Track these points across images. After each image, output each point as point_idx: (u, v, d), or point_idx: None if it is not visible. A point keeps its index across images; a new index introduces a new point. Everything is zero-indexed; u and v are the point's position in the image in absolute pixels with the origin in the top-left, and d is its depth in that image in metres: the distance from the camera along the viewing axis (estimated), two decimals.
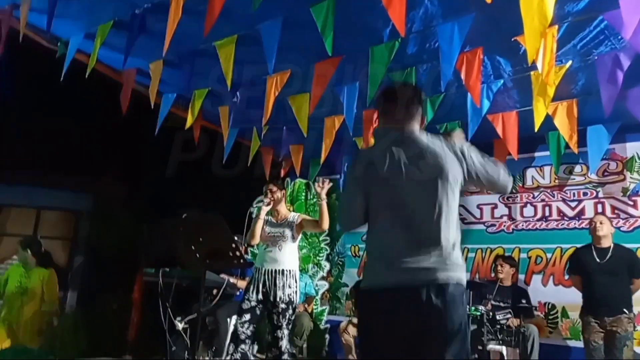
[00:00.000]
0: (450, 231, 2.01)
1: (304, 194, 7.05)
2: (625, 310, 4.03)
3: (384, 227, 1.98)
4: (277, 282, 3.59)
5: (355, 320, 5.33)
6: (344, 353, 5.39)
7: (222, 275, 4.70)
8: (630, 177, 5.01)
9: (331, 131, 4.99)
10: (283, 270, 3.63)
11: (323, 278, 6.76)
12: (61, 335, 6.50)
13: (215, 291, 4.51)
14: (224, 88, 4.15)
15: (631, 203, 4.96)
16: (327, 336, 6.39)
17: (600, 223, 4.28)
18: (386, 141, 2.07)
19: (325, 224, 3.74)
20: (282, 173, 6.81)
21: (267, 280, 3.62)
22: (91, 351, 5.77)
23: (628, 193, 4.99)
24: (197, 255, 2.89)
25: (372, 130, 4.83)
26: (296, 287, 3.67)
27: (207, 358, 4.61)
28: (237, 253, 2.84)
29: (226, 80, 4.03)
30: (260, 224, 3.70)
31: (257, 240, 3.71)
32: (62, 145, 6.95)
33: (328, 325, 6.45)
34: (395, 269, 1.90)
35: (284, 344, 3.51)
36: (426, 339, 1.84)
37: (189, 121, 4.89)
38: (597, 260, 4.22)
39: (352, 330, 5.31)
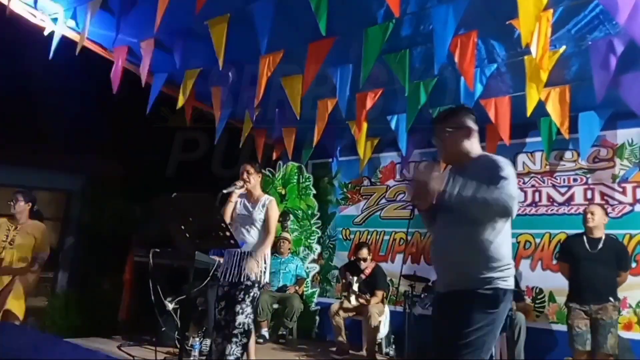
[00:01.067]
0: None
1: (296, 177, 7.04)
2: (611, 298, 4.08)
3: None
4: (244, 263, 3.52)
5: (346, 303, 5.36)
6: (334, 335, 5.43)
7: (212, 256, 4.70)
8: (620, 164, 5.04)
9: (324, 114, 4.96)
10: (251, 252, 3.56)
11: (314, 261, 6.80)
12: (52, 315, 6.52)
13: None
14: (216, 68, 4.11)
15: (620, 190, 4.99)
16: (317, 318, 6.45)
17: (592, 214, 4.29)
18: None
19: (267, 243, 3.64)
20: (274, 156, 6.80)
21: (235, 262, 3.56)
22: (82, 331, 5.78)
23: (617, 180, 5.03)
24: (187, 235, 2.88)
25: (365, 113, 4.84)
26: (264, 267, 3.59)
27: (196, 338, 4.63)
28: (227, 233, 2.83)
29: (218, 60, 3.99)
30: (230, 207, 3.60)
31: (227, 221, 3.56)
32: (53, 125, 6.87)
33: (318, 307, 6.50)
34: None
35: (241, 319, 3.41)
36: None
37: (180, 101, 4.86)
38: (588, 249, 4.23)
39: (343, 314, 5.35)
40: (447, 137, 2.33)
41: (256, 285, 3.53)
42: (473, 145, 2.35)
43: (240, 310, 3.44)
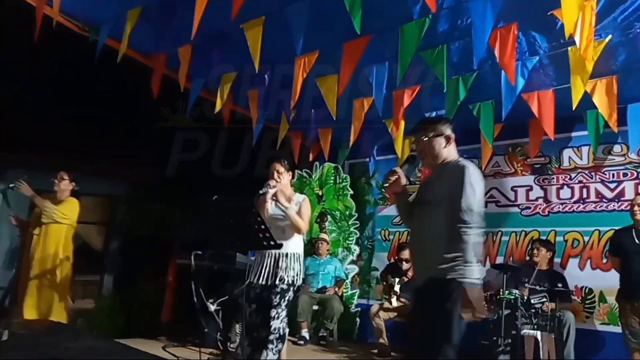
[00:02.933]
0: None
1: (333, 177, 7.03)
2: None
3: None
4: (280, 264, 3.44)
5: (386, 304, 5.31)
6: (375, 336, 5.38)
7: (252, 258, 4.73)
8: None
9: (360, 113, 4.91)
10: (287, 254, 3.46)
11: (353, 262, 6.75)
12: (99, 317, 6.73)
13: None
14: (252, 71, 4.14)
15: None
16: (357, 319, 6.40)
17: (639, 206, 4.11)
18: None
19: (298, 229, 3.51)
20: (311, 157, 6.80)
21: (269, 264, 3.48)
22: (127, 333, 5.93)
23: None
24: (228, 237, 2.91)
25: (402, 111, 4.77)
26: (300, 270, 3.51)
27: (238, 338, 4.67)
28: (267, 234, 2.84)
29: (254, 62, 4.01)
30: (266, 206, 3.50)
31: None
32: (96, 132, 7.11)
33: (359, 309, 6.45)
34: None
35: (276, 324, 3.35)
36: None
37: (218, 105, 4.91)
38: (637, 242, 4.06)
39: (384, 315, 5.29)
40: (428, 143, 2.62)
41: (291, 288, 3.47)
42: (450, 152, 2.64)
43: (276, 315, 3.39)
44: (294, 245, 3.55)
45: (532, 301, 4.26)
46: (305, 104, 5.01)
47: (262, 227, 2.85)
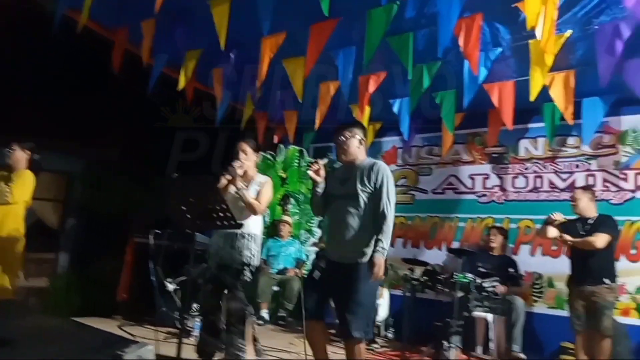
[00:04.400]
0: None
1: (297, 160, 7.03)
2: (606, 280, 4.09)
3: None
4: (236, 245, 3.39)
5: None
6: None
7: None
8: (623, 151, 5.02)
9: (326, 97, 4.92)
10: (243, 235, 3.39)
11: (314, 244, 6.81)
12: (53, 295, 6.56)
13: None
14: (217, 49, 4.06)
15: (623, 176, 4.98)
16: None
17: (575, 199, 4.34)
18: None
19: (253, 211, 3.44)
20: (276, 139, 6.78)
21: (224, 243, 3.41)
22: (83, 311, 5.81)
23: (620, 166, 5.01)
24: (188, 216, 2.88)
25: (367, 96, 4.80)
26: (256, 251, 3.45)
27: (197, 318, 4.66)
28: (228, 214, 2.82)
29: (220, 40, 3.94)
30: (233, 190, 3.41)
31: None
32: (53, 107, 6.84)
33: None
34: None
35: (235, 306, 3.32)
36: None
37: (182, 82, 4.81)
38: (580, 232, 4.26)
39: None
40: (345, 141, 3.06)
41: (247, 268, 3.41)
42: (362, 152, 3.12)
43: (232, 296, 3.36)
44: (251, 225, 3.49)
45: (485, 285, 4.42)
46: (271, 86, 4.98)
47: (223, 206, 2.83)
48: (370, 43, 3.83)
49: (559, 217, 4.26)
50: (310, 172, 3.06)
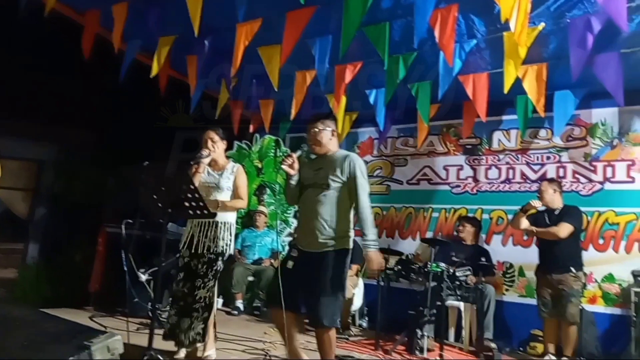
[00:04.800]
0: None
1: (273, 150, 6.99)
2: (572, 269, 4.20)
3: None
4: (209, 234, 3.38)
5: None
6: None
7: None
8: (593, 143, 5.13)
9: (302, 86, 4.88)
10: (217, 223, 3.39)
11: (290, 234, 6.80)
12: (22, 286, 6.42)
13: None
14: (191, 35, 3.99)
15: (592, 168, 5.10)
16: None
17: (542, 190, 4.45)
18: None
19: (236, 206, 3.54)
20: (251, 128, 6.72)
21: (198, 232, 3.40)
22: (53, 302, 5.70)
23: (589, 158, 5.13)
24: (159, 205, 2.83)
25: (344, 86, 4.79)
26: (230, 240, 3.46)
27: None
28: (200, 203, 2.79)
29: (194, 27, 3.87)
30: (198, 178, 3.40)
31: None
32: (23, 92, 6.64)
33: None
34: None
35: (201, 293, 3.33)
36: None
37: (155, 69, 4.72)
38: (547, 222, 4.37)
39: None
40: (318, 133, 3.10)
41: (220, 258, 3.42)
42: (334, 144, 3.18)
43: (201, 285, 3.35)
44: (225, 215, 3.48)
45: (457, 274, 4.49)
46: (247, 74, 4.92)
47: (195, 195, 2.80)
48: (346, 32, 3.81)
49: (537, 204, 4.35)
50: (283, 166, 3.10)
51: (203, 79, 5.11)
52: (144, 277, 4.56)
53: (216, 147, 3.51)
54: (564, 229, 4.23)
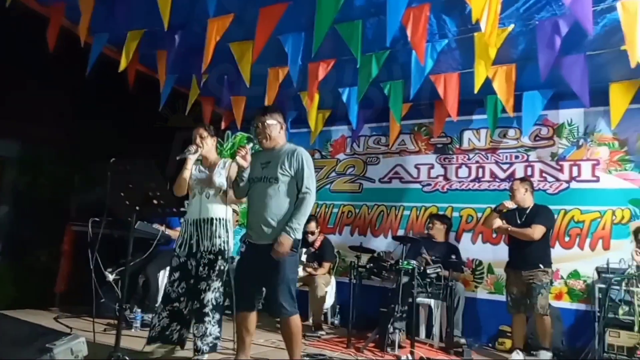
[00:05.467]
0: None
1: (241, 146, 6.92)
2: (540, 265, 4.29)
3: None
4: (205, 231, 3.36)
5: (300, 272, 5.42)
6: None
7: (156, 226, 4.57)
8: (560, 143, 5.26)
9: (274, 83, 4.85)
10: (212, 219, 3.39)
11: None
12: None
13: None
14: (161, 30, 3.91)
15: (558, 167, 5.22)
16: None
17: (514, 189, 4.53)
18: None
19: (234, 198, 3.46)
20: (223, 125, 6.63)
21: (194, 231, 3.38)
22: (17, 303, 5.52)
23: (556, 158, 5.25)
24: (127, 202, 2.76)
25: (316, 84, 4.77)
26: (227, 237, 3.41)
27: (139, 309, 4.53)
28: (170, 201, 2.73)
29: (163, 21, 3.79)
30: (187, 174, 3.40)
31: (183, 191, 3.43)
32: None
33: None
34: None
35: (208, 296, 3.30)
36: None
37: (122, 64, 4.61)
38: (518, 221, 4.46)
39: None
40: (267, 127, 3.11)
41: (220, 257, 3.37)
42: (283, 137, 3.20)
43: (206, 287, 3.31)
44: (220, 210, 3.44)
45: (428, 271, 4.53)
46: (218, 69, 4.85)
47: (165, 192, 2.74)
48: (319, 29, 3.79)
49: (510, 204, 4.42)
50: (238, 157, 3.08)
51: (173, 74, 5.03)
52: (111, 277, 4.45)
53: (205, 143, 3.48)
54: (538, 231, 4.32)
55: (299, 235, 3.04)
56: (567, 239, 5.03)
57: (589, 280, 4.82)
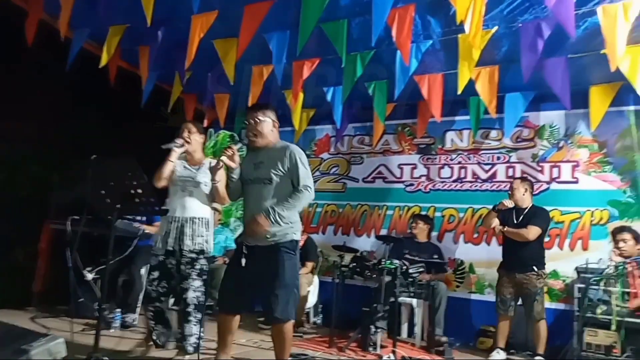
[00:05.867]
0: None
1: (228, 146, 6.86)
2: (534, 267, 4.31)
3: None
4: (186, 230, 3.30)
5: None
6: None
7: (136, 224, 4.51)
8: (541, 145, 5.33)
9: (259, 81, 4.81)
10: (193, 218, 3.33)
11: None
12: None
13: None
14: (143, 25, 3.85)
15: (539, 168, 5.29)
16: None
17: (514, 188, 4.54)
18: None
19: (223, 200, 3.42)
20: (206, 123, 6.56)
21: (174, 229, 3.32)
22: None
23: (537, 159, 5.32)
24: (108, 200, 2.71)
25: (301, 83, 4.75)
26: (208, 236, 3.38)
27: (118, 309, 4.46)
28: (152, 199, 2.69)
29: (146, 16, 3.73)
30: (169, 166, 3.32)
31: (162, 182, 3.33)
32: None
33: None
34: None
35: (190, 295, 3.26)
36: None
37: (104, 59, 4.53)
38: (515, 221, 4.48)
39: None
40: (259, 123, 2.99)
41: (201, 256, 3.33)
42: (275, 135, 3.08)
43: (188, 286, 3.27)
44: (201, 209, 3.40)
45: (411, 271, 4.54)
46: (202, 67, 4.79)
47: (146, 190, 2.69)
48: (304, 28, 3.78)
49: (509, 203, 4.44)
50: (223, 158, 3.00)
51: (155, 71, 4.96)
52: (90, 276, 4.37)
53: (192, 138, 3.43)
54: (533, 232, 4.34)
55: (297, 236, 2.94)
56: (547, 239, 5.07)
57: (568, 280, 4.89)
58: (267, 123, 3.01)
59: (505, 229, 4.48)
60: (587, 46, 4.04)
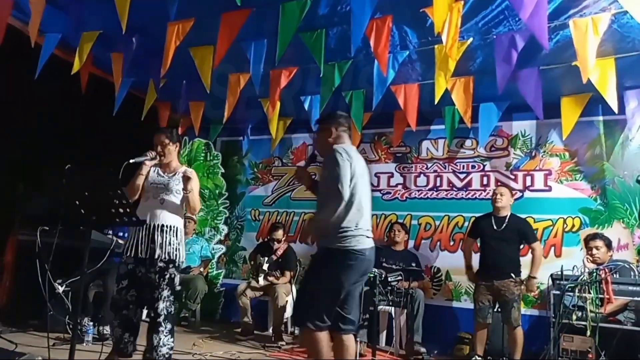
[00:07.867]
0: None
1: (203, 154, 6.79)
2: (512, 274, 4.36)
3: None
4: (156, 238, 3.21)
5: (253, 283, 5.34)
6: (240, 315, 5.35)
7: (110, 235, 4.39)
8: (514, 153, 5.44)
9: (235, 89, 4.76)
10: (162, 226, 3.25)
11: (220, 242, 6.63)
12: None
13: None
14: (117, 32, 3.77)
15: (513, 177, 5.39)
16: (222, 299, 6.32)
17: (500, 195, 4.60)
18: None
19: (194, 211, 3.43)
20: (180, 131, 6.47)
21: (144, 237, 3.23)
22: None
23: (510, 168, 5.42)
24: (82, 211, 2.62)
25: (279, 91, 4.73)
26: (178, 244, 3.29)
27: (90, 322, 4.33)
28: (128, 210, 2.62)
29: (121, 23, 3.66)
30: (140, 180, 3.27)
31: (136, 196, 3.28)
32: None
33: (223, 289, 6.37)
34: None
35: (161, 305, 3.17)
36: None
37: (76, 66, 4.41)
38: (494, 228, 4.53)
39: (250, 293, 5.29)
40: (316, 135, 3.18)
41: (171, 265, 3.24)
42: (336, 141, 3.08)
43: (159, 296, 3.17)
44: (173, 218, 3.32)
45: (389, 279, 4.55)
46: (177, 74, 4.72)
47: (123, 201, 2.62)
48: (283, 37, 3.77)
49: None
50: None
51: (129, 78, 4.87)
52: (61, 289, 4.23)
53: (166, 150, 3.36)
54: (540, 248, 4.62)
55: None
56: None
57: (542, 287, 4.96)
58: (322, 134, 3.15)
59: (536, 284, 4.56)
60: (559, 58, 4.14)
